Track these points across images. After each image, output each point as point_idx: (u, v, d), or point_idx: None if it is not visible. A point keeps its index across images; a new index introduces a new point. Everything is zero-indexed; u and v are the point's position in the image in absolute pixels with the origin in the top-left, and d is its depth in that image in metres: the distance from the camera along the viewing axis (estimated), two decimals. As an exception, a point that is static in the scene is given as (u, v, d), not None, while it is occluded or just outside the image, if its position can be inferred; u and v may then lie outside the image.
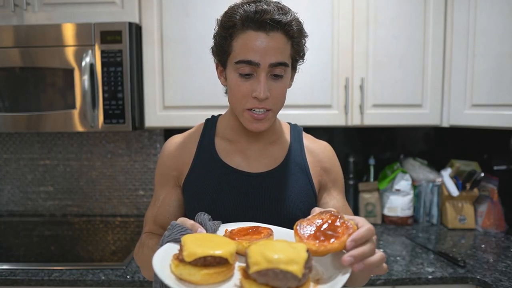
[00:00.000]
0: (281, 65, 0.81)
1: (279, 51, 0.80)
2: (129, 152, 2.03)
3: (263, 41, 0.78)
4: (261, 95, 0.80)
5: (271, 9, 0.78)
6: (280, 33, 0.79)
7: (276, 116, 0.88)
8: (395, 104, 1.69)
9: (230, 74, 0.84)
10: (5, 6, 1.61)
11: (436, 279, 1.34)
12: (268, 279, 0.51)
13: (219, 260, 0.56)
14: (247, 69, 0.80)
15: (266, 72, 0.80)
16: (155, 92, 1.66)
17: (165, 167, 0.96)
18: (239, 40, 0.80)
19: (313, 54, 1.65)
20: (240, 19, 0.79)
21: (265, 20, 0.77)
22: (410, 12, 1.65)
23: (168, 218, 0.94)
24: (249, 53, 0.79)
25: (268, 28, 0.78)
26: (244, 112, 0.84)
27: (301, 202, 0.90)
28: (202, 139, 0.95)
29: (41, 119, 1.59)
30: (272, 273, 0.51)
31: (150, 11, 1.63)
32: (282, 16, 0.78)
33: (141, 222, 1.93)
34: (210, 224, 0.74)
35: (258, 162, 0.91)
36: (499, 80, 1.57)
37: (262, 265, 0.51)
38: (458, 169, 1.84)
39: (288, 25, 0.79)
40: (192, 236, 0.61)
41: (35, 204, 2.07)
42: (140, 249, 0.91)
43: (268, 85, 0.81)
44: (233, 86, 0.83)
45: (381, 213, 1.91)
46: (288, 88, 0.89)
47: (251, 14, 0.78)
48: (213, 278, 0.56)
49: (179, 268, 0.56)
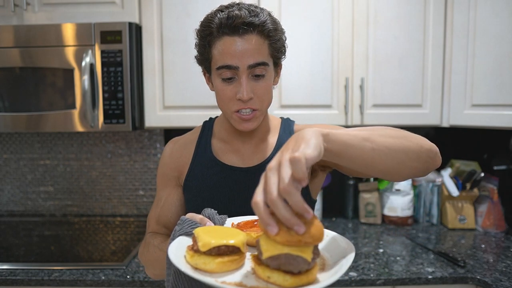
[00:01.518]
0: (260, 65, 0.83)
1: (256, 52, 0.82)
2: (129, 152, 2.03)
3: (238, 44, 0.81)
4: (244, 96, 0.82)
5: (242, 14, 0.80)
6: (255, 34, 0.82)
7: (264, 114, 0.90)
8: (395, 104, 1.69)
9: (214, 80, 0.88)
10: (5, 6, 1.61)
11: (436, 279, 1.34)
12: (280, 264, 0.54)
13: (232, 249, 0.60)
14: (228, 73, 0.83)
15: (246, 74, 0.83)
16: (155, 92, 1.66)
17: (166, 168, 1.00)
18: (217, 46, 0.83)
19: (313, 54, 1.65)
20: (215, 26, 0.82)
21: (237, 24, 0.80)
22: (410, 12, 1.65)
23: (170, 217, 0.97)
24: (227, 58, 0.82)
25: (241, 31, 0.81)
26: (232, 114, 0.87)
27: None
28: (199, 141, 0.99)
29: (41, 119, 1.59)
30: (284, 257, 0.54)
31: (150, 11, 1.63)
32: (254, 18, 0.81)
33: (141, 222, 1.93)
34: (218, 218, 0.77)
35: (251, 158, 0.95)
36: (499, 80, 1.57)
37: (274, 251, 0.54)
38: (458, 169, 1.84)
39: (261, 26, 0.82)
40: (204, 229, 0.65)
41: (35, 204, 2.07)
42: (145, 249, 0.93)
43: (250, 85, 0.84)
44: (219, 91, 0.87)
45: (381, 213, 1.91)
46: (275, 85, 0.91)
47: (224, 20, 0.81)
48: (227, 266, 0.59)
49: (194, 258, 0.60)
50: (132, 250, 1.56)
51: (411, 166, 0.72)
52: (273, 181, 0.51)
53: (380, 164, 0.68)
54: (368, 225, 1.89)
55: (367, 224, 1.90)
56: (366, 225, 1.89)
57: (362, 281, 1.34)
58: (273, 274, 0.55)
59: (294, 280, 0.54)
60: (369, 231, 1.81)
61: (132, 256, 1.49)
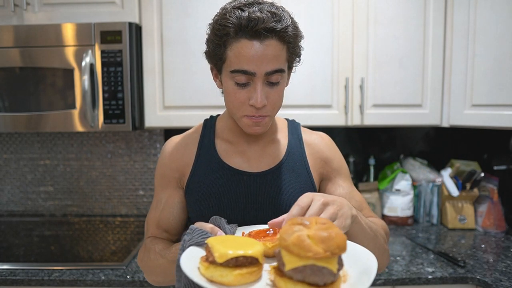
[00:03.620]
0: (277, 72, 0.80)
1: (275, 58, 0.78)
2: (129, 152, 2.03)
3: (257, 50, 0.76)
4: (258, 104, 0.79)
5: (264, 17, 0.75)
6: (275, 40, 0.77)
7: (273, 119, 0.89)
8: (395, 104, 1.69)
9: (226, 81, 0.83)
10: (5, 6, 1.61)
11: (436, 279, 1.34)
12: (305, 276, 0.52)
13: (251, 260, 0.57)
14: (243, 78, 0.79)
15: (262, 80, 0.79)
16: (155, 92, 1.66)
17: (167, 168, 0.95)
18: (233, 48, 0.78)
19: (313, 54, 1.65)
20: (233, 27, 0.77)
21: (259, 29, 0.75)
22: (410, 12, 1.65)
23: (172, 220, 0.93)
24: (244, 62, 0.77)
25: (262, 37, 0.76)
26: (242, 117, 0.84)
27: None
28: (202, 140, 0.95)
29: (41, 119, 1.59)
30: (309, 269, 0.52)
31: (150, 11, 1.63)
32: (277, 23, 0.76)
33: (141, 222, 1.93)
34: (228, 227, 0.74)
35: (259, 161, 0.91)
36: (499, 80, 1.57)
37: (299, 262, 0.52)
38: (458, 169, 1.84)
39: (283, 32, 0.77)
40: (217, 239, 0.62)
41: (35, 204, 2.07)
42: (145, 255, 0.89)
43: (264, 91, 0.80)
44: (230, 94, 0.83)
45: (381, 213, 1.91)
46: (285, 87, 0.88)
47: (244, 21, 0.75)
48: (245, 278, 0.56)
49: (209, 270, 0.57)
50: (132, 250, 1.56)
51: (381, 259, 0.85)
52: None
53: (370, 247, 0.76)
54: (368, 225, 1.89)
55: (367, 224, 1.90)
56: (366, 225, 1.89)
57: (362, 281, 1.34)
58: (296, 286, 0.52)
59: None
60: (369, 231, 1.81)
61: (132, 256, 1.49)
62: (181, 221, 0.95)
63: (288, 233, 0.54)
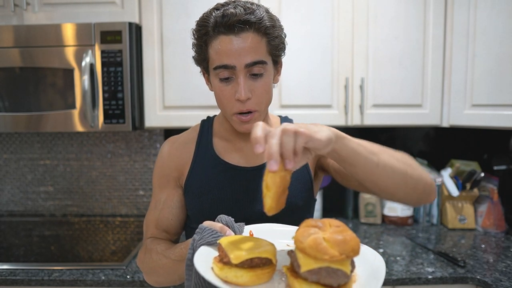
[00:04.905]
0: (258, 64, 0.81)
1: (253, 50, 0.80)
2: (129, 152, 2.03)
3: (235, 43, 0.79)
4: (241, 96, 0.81)
5: (237, 11, 0.78)
6: (252, 32, 0.80)
7: (263, 114, 0.89)
8: (395, 104, 1.69)
9: (212, 80, 0.86)
10: (5, 6, 1.61)
11: (436, 279, 1.34)
12: (320, 277, 0.53)
13: (265, 261, 0.58)
14: (226, 73, 0.82)
15: (244, 73, 0.81)
16: (155, 92, 1.66)
17: (166, 168, 0.96)
18: (213, 46, 0.82)
19: (313, 54, 1.65)
20: (211, 25, 0.81)
21: (233, 22, 0.78)
22: (410, 12, 1.65)
23: (171, 219, 0.94)
24: (223, 57, 0.80)
25: (237, 30, 0.79)
26: (232, 116, 0.86)
27: (298, 189, 0.91)
28: (200, 139, 0.96)
29: (41, 119, 1.59)
30: (325, 271, 0.53)
31: (150, 11, 1.63)
32: (250, 15, 0.79)
33: (141, 222, 1.93)
34: (237, 226, 0.74)
35: (255, 157, 0.93)
36: (499, 80, 1.57)
37: (314, 264, 0.53)
38: (458, 169, 1.84)
39: (257, 23, 0.80)
40: (230, 239, 0.63)
41: (35, 204, 2.07)
42: (146, 255, 0.89)
43: (248, 85, 0.82)
44: (217, 91, 0.85)
45: (381, 213, 1.91)
46: (275, 83, 0.90)
47: (219, 19, 0.79)
48: (260, 278, 0.58)
49: (224, 271, 0.58)
50: (132, 250, 1.56)
51: (406, 192, 0.76)
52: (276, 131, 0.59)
53: (379, 180, 0.72)
54: (368, 225, 1.89)
55: (367, 224, 1.90)
56: (366, 225, 1.89)
57: (362, 281, 1.34)
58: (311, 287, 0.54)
59: None
60: (369, 231, 1.81)
61: (132, 256, 1.49)
62: (180, 220, 0.96)
63: (304, 236, 0.55)
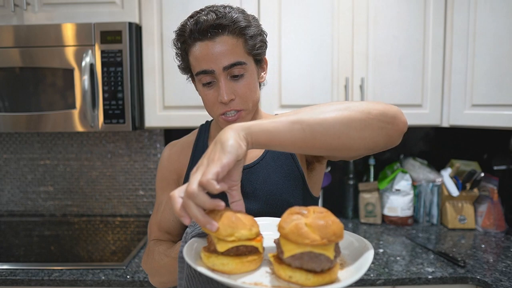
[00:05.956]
0: (236, 65, 0.82)
1: (230, 53, 0.82)
2: (129, 152, 2.03)
3: (211, 48, 0.81)
4: (224, 99, 0.82)
5: (209, 17, 0.80)
6: (226, 35, 0.82)
7: (251, 112, 0.89)
8: (395, 104, 1.68)
9: (197, 86, 0.89)
10: (5, 6, 1.61)
11: (436, 279, 1.34)
12: (303, 263, 0.54)
13: (251, 249, 0.59)
14: (207, 78, 0.84)
15: (224, 76, 0.83)
16: (155, 92, 1.66)
17: (165, 171, 1.00)
18: (192, 53, 0.84)
19: (313, 54, 1.65)
20: (187, 34, 0.83)
21: (205, 28, 0.80)
22: (410, 12, 1.65)
23: (172, 220, 0.95)
24: (202, 63, 0.82)
25: (210, 35, 0.81)
26: (218, 117, 0.87)
27: (289, 185, 0.91)
28: (197, 143, 0.99)
29: (41, 119, 1.59)
30: (307, 256, 0.54)
31: (150, 11, 1.63)
32: (222, 19, 0.80)
33: (141, 222, 1.93)
34: None
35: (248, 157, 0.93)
36: (499, 80, 1.57)
37: (297, 249, 0.54)
38: (458, 169, 1.84)
39: (231, 25, 0.81)
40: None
41: (35, 204, 2.07)
42: (149, 257, 0.91)
43: (230, 87, 0.83)
44: (202, 96, 0.88)
45: (381, 213, 1.91)
46: (261, 81, 0.91)
47: (193, 26, 0.82)
48: (246, 266, 0.58)
49: (211, 259, 0.58)
50: (132, 250, 1.56)
51: (359, 136, 0.66)
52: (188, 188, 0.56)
53: (318, 142, 0.64)
54: (368, 225, 1.89)
55: (367, 224, 1.90)
56: (366, 225, 1.89)
57: (362, 281, 1.34)
58: (295, 273, 0.54)
59: (317, 279, 0.53)
60: (369, 231, 1.81)
61: (132, 256, 1.49)
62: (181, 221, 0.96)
63: (286, 222, 0.56)
